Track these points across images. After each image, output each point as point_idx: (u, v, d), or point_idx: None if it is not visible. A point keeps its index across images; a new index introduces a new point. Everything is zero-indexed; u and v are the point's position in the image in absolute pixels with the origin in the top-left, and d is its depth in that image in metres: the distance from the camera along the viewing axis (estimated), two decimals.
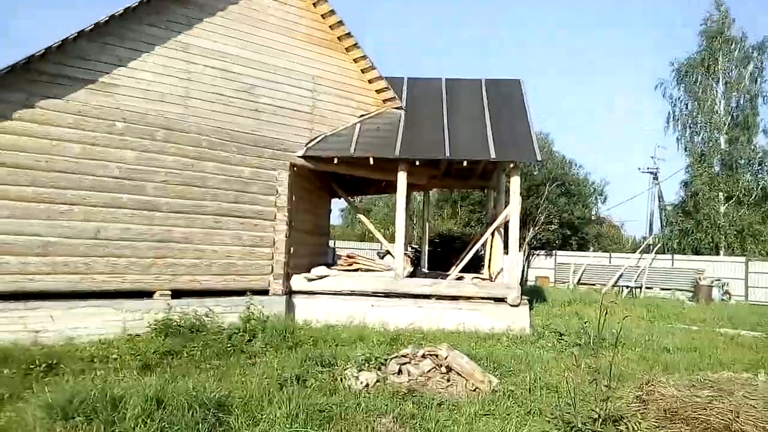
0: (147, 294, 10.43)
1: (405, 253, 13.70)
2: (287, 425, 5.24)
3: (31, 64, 9.23)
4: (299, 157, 12.57)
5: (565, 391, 6.62)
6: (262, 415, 5.56)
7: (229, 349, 9.13)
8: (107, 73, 10.09)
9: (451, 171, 15.63)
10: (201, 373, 7.71)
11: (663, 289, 26.50)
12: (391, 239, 15.84)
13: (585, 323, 11.40)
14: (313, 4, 12.80)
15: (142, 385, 6.40)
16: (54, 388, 6.46)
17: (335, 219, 41.81)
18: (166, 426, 5.14)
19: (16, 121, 9.24)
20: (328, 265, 14.39)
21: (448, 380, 7.30)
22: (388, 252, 15.56)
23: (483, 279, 14.06)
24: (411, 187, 14.39)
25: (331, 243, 21.67)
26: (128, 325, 9.90)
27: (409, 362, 7.58)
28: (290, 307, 12.38)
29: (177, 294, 10.69)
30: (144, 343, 9.10)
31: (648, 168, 38.55)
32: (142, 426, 5.20)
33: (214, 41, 11.40)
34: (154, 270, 10.51)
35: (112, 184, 10.08)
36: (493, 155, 12.63)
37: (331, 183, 15.75)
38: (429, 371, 7.42)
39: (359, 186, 17.75)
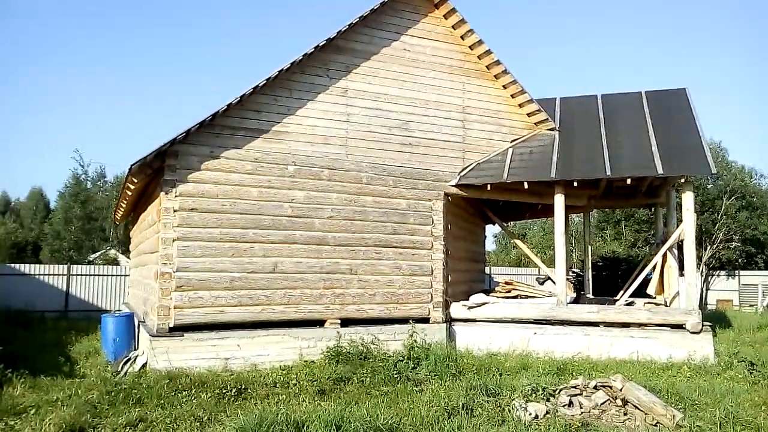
0: (319, 323, 11.16)
1: (566, 278, 13.21)
2: None
3: (216, 119, 10.50)
4: (452, 186, 12.78)
5: (764, 429, 5.93)
6: None
7: (395, 376, 9.43)
8: (278, 122, 11.15)
9: (613, 190, 14.84)
10: (371, 399, 8.06)
11: None
12: (550, 264, 15.37)
13: None
14: (461, 36, 13.10)
15: (320, 410, 6.89)
16: (244, 412, 7.17)
17: (489, 245, 41.40)
18: None
19: (204, 171, 10.51)
20: (486, 292, 14.32)
21: (625, 414, 6.90)
22: (548, 277, 15.10)
23: (657, 304, 13.06)
24: (569, 209, 13.92)
25: (486, 269, 21.54)
26: (304, 352, 10.66)
27: (580, 394, 7.29)
28: (450, 334, 12.49)
29: (345, 322, 11.32)
30: (318, 369, 9.72)
31: None
32: None
33: (369, 83, 12.12)
34: (325, 300, 11.23)
35: (285, 222, 11.03)
36: (660, 170, 11.82)
37: (484, 210, 15.74)
38: (603, 404, 7.08)
39: (514, 211, 17.52)
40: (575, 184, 12.33)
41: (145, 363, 9.82)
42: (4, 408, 7.11)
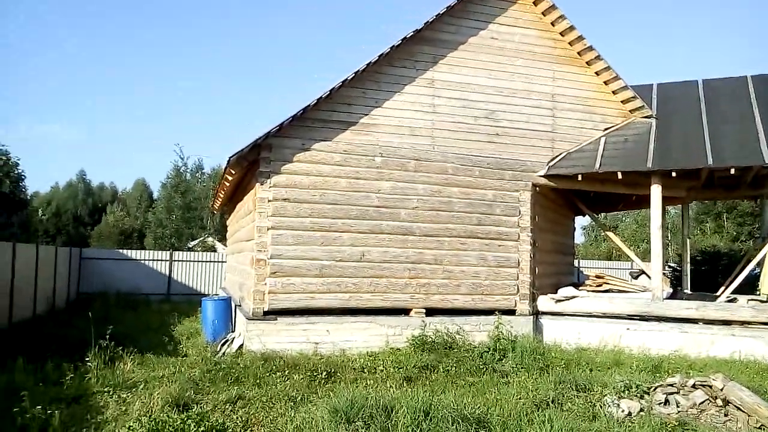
0: (404, 311, 11.34)
1: (662, 273, 12.61)
2: None
3: (307, 113, 10.85)
4: (541, 176, 12.52)
5: None
6: None
7: (481, 367, 9.44)
8: (366, 114, 11.36)
9: (714, 180, 13.97)
10: (457, 388, 8.12)
11: None
12: (644, 257, 14.74)
13: None
14: (551, 23, 12.76)
15: (408, 396, 7.03)
16: (334, 394, 7.44)
17: (578, 237, 40.07)
18: None
19: (296, 162, 10.91)
20: (575, 285, 13.95)
21: (726, 414, 6.57)
22: (642, 271, 14.49)
23: (762, 301, 12.21)
24: (666, 201, 13.25)
25: (575, 262, 20.94)
26: (389, 340, 10.87)
27: (677, 392, 7.00)
28: (537, 327, 12.29)
29: (430, 312, 11.42)
30: (404, 356, 9.88)
31: None
32: None
33: (456, 73, 12.07)
34: (410, 289, 11.38)
35: (372, 213, 11.26)
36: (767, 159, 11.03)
37: (574, 200, 15.29)
38: (701, 403, 6.77)
39: (605, 202, 16.90)
40: (673, 174, 11.71)
41: (242, 344, 10.39)
42: (117, 383, 7.76)
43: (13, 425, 5.37)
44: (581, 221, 43.86)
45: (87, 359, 8.21)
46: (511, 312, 11.98)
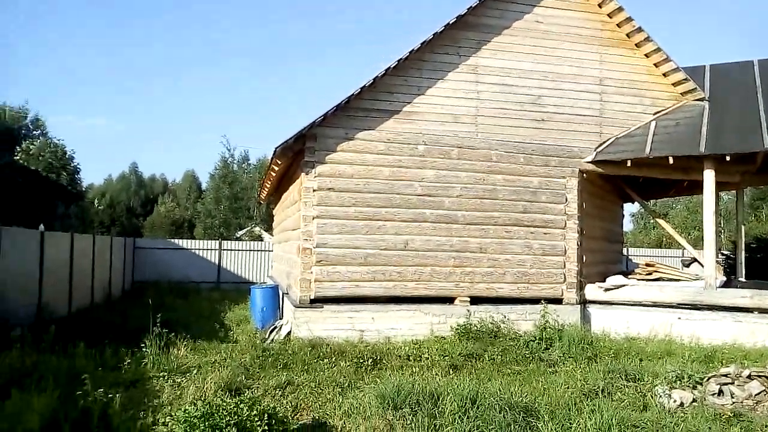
0: (449, 300, 11.34)
1: (715, 260, 12.21)
2: None
3: (350, 102, 10.92)
4: (588, 162, 12.26)
5: None
6: (571, 424, 5.63)
7: (527, 355, 9.38)
8: (409, 102, 11.35)
9: None
10: (503, 377, 8.10)
11: None
12: (696, 245, 14.31)
13: None
14: (599, 5, 12.41)
15: (455, 384, 7.06)
16: (381, 381, 7.54)
17: (626, 225, 39.09)
18: (481, 424, 5.56)
19: (340, 152, 11.00)
20: (624, 274, 13.65)
21: None
22: (694, 259, 14.07)
23: None
24: (720, 186, 12.79)
25: (623, 251, 20.49)
26: (434, 328, 10.91)
27: (732, 383, 6.81)
28: (585, 316, 12.11)
29: (474, 300, 11.39)
30: (449, 345, 9.91)
31: None
32: (459, 422, 5.74)
33: (499, 58, 11.91)
34: (454, 278, 11.37)
35: (415, 201, 11.27)
36: None
37: (623, 186, 14.92)
38: (758, 394, 6.56)
39: (656, 188, 16.40)
40: (727, 158, 11.28)
41: (290, 331, 10.61)
42: (171, 368, 8.04)
43: (75, 408, 5.64)
44: (630, 208, 42.75)
45: (143, 345, 8.54)
46: (557, 301, 11.83)
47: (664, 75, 12.81)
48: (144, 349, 8.44)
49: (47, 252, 11.91)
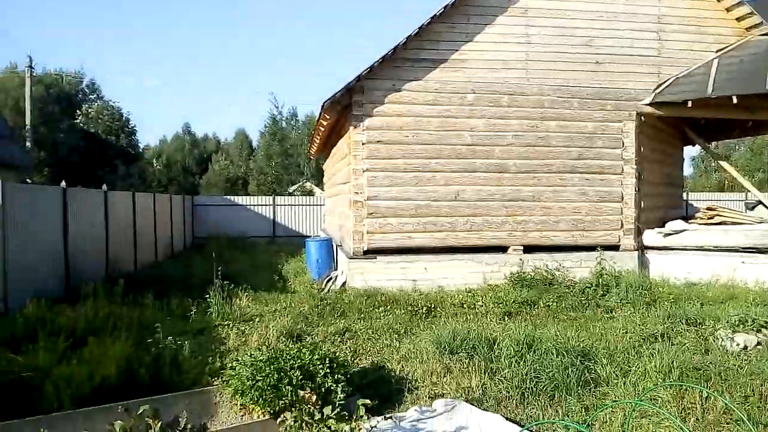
0: (501, 249, 11.31)
1: None
2: (660, 379, 5.19)
3: (396, 53, 10.76)
4: (646, 105, 11.77)
5: None
6: (630, 367, 5.62)
7: (583, 302, 9.32)
8: (456, 50, 11.10)
9: None
10: (559, 323, 8.10)
11: None
12: (760, 188, 13.66)
13: None
14: None
15: (510, 329, 7.12)
16: (436, 327, 7.68)
17: (686, 169, 37.60)
18: (538, 368, 5.61)
19: (388, 104, 10.93)
20: (684, 219, 13.23)
21: None
22: (759, 202, 13.48)
23: None
24: None
25: (683, 196, 19.80)
26: (487, 277, 10.95)
27: None
28: (643, 263, 11.87)
29: (528, 249, 11.32)
30: (503, 292, 9.93)
31: None
32: (515, 365, 5.80)
33: (551, 0, 11.44)
34: (507, 227, 11.31)
35: (465, 151, 11.15)
36: None
37: (683, 129, 14.29)
38: None
39: (718, 129, 15.64)
40: None
41: (345, 282, 10.88)
42: (235, 317, 8.42)
43: (148, 354, 6.00)
44: (690, 151, 41.07)
45: (207, 296, 8.94)
46: (614, 248, 11.63)
47: (727, 10, 12.03)
48: (208, 300, 8.84)
49: (111, 211, 12.48)
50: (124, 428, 3.45)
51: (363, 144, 10.83)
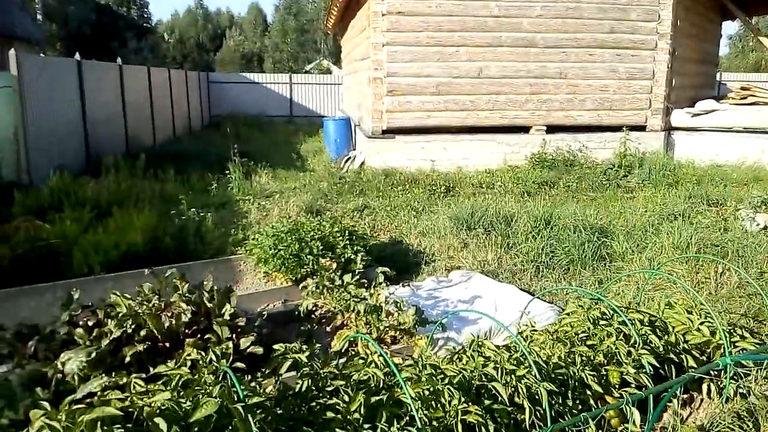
0: (524, 129, 11.06)
1: None
2: (676, 254, 5.22)
3: None
4: None
5: None
6: (647, 243, 5.64)
7: (604, 183, 9.24)
8: None
9: None
10: (578, 202, 8.09)
11: None
12: None
13: None
14: None
15: (528, 207, 7.13)
16: (454, 205, 7.72)
17: (722, 49, 35.59)
18: (555, 243, 5.67)
19: None
20: (715, 98, 12.71)
21: None
22: None
23: None
24: None
25: (717, 76, 18.94)
26: (507, 157, 10.81)
27: None
28: (669, 144, 11.58)
29: (551, 129, 11.05)
30: (523, 173, 9.87)
31: None
32: (533, 240, 5.86)
33: None
34: (530, 106, 10.97)
35: (491, 24, 10.56)
36: None
37: (723, 1, 13.31)
38: None
39: (761, 2, 14.55)
40: None
41: (363, 161, 10.83)
42: (255, 192, 8.52)
43: (173, 225, 6.15)
44: (726, 29, 38.78)
45: (227, 172, 8.99)
46: (640, 128, 11.30)
47: None
48: (228, 176, 8.91)
49: (127, 85, 12.30)
50: (153, 290, 3.58)
51: (383, 15, 10.28)
